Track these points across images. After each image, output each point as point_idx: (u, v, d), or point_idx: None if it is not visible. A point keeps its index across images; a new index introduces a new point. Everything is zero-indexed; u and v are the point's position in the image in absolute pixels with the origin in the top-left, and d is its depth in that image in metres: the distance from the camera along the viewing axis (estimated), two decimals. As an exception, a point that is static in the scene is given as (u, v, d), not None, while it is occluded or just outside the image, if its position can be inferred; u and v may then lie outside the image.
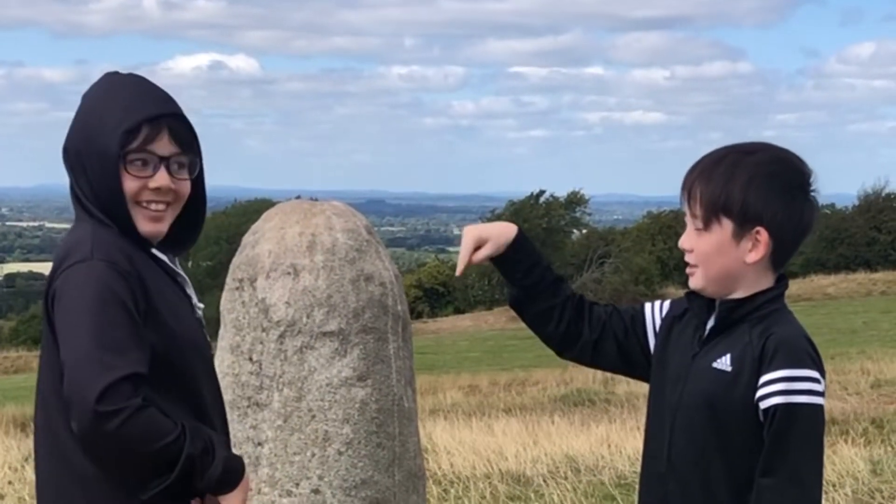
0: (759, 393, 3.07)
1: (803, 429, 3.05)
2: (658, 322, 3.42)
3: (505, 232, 3.48)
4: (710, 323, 3.24)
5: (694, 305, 3.29)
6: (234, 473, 3.16)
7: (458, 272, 3.59)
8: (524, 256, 3.49)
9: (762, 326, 3.14)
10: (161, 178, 3.24)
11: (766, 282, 3.20)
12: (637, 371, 3.45)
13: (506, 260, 3.49)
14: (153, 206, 3.25)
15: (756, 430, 3.08)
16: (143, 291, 3.11)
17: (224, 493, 3.16)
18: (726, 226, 3.14)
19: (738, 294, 3.19)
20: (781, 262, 3.21)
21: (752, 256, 3.15)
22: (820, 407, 3.08)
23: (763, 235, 3.13)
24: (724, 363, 3.14)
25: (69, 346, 2.99)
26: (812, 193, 3.20)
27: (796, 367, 3.05)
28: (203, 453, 3.07)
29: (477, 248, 3.47)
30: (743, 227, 3.13)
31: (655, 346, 3.39)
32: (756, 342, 3.11)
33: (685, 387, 3.22)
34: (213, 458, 3.10)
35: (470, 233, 3.48)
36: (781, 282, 3.24)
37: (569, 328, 3.48)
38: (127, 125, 3.20)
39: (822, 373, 3.13)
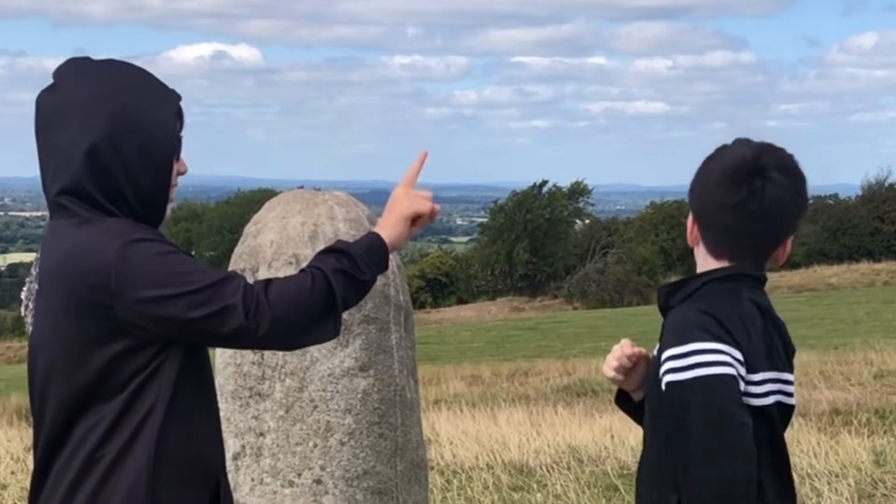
0: (661, 376, 3.03)
1: (698, 405, 2.93)
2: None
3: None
4: None
5: (660, 296, 3.30)
6: (375, 248, 3.17)
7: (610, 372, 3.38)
8: None
9: (674, 310, 3.15)
10: (185, 162, 3.22)
11: (710, 267, 3.18)
12: None
13: (637, 406, 3.39)
14: (173, 190, 3.23)
15: (668, 412, 3.04)
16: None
17: (400, 236, 3.26)
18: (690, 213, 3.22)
19: None
20: (717, 247, 3.16)
21: (689, 239, 3.21)
22: (713, 377, 2.94)
23: (690, 220, 3.19)
24: (656, 350, 3.15)
25: (178, 301, 2.94)
26: (754, 189, 3.13)
27: (682, 344, 2.98)
28: (339, 264, 3.07)
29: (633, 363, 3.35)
30: (691, 212, 3.20)
31: None
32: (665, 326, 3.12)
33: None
34: (352, 257, 3.10)
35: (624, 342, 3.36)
36: (728, 269, 3.15)
37: None
38: (174, 108, 3.16)
39: (717, 336, 2.99)
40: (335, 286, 3.04)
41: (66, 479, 3.12)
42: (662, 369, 3.00)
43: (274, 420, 4.70)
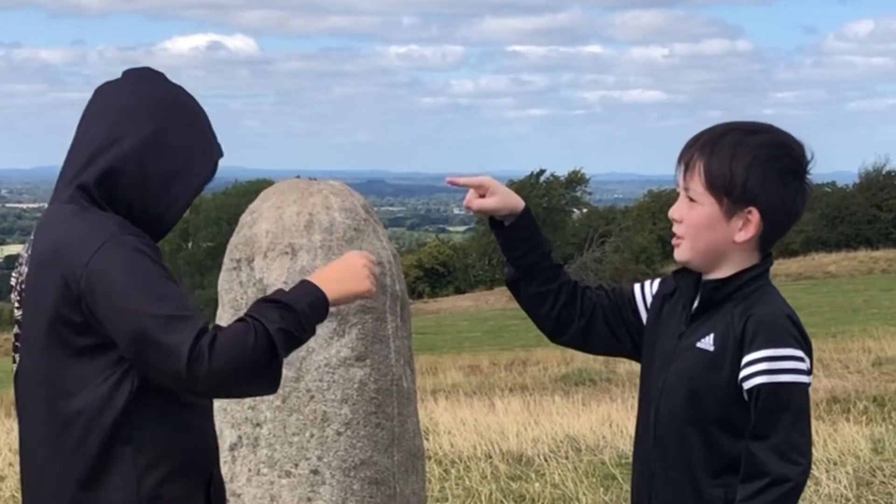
0: (742, 374, 3.06)
1: (789, 406, 3.04)
2: (649, 300, 3.39)
3: (514, 200, 3.43)
4: (696, 302, 3.22)
5: (681, 284, 3.27)
6: (318, 307, 3.14)
7: (448, 180, 3.52)
8: (528, 234, 3.44)
9: (744, 305, 3.13)
10: None
11: (749, 262, 3.19)
12: (630, 352, 3.43)
13: (509, 234, 3.44)
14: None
15: (739, 411, 3.07)
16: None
17: (338, 301, 3.22)
18: (721, 202, 3.13)
19: (721, 272, 3.18)
20: (768, 244, 3.20)
21: (742, 236, 3.14)
22: (805, 385, 3.07)
23: (755, 216, 3.12)
24: (707, 343, 3.13)
25: (133, 319, 2.92)
26: (807, 180, 3.18)
27: (778, 347, 3.04)
28: (282, 322, 3.03)
29: (482, 195, 3.41)
30: (737, 205, 3.12)
31: (646, 325, 3.37)
32: (737, 322, 3.10)
33: (671, 366, 3.20)
34: (296, 314, 3.07)
35: (483, 178, 3.41)
36: (766, 259, 3.22)
37: (560, 314, 3.44)
38: (214, 162, 3.24)
39: (808, 351, 3.11)
40: (277, 345, 3.01)
41: (54, 472, 3.11)
42: (754, 369, 3.04)
43: (270, 410, 4.69)
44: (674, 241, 3.23)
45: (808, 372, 3.09)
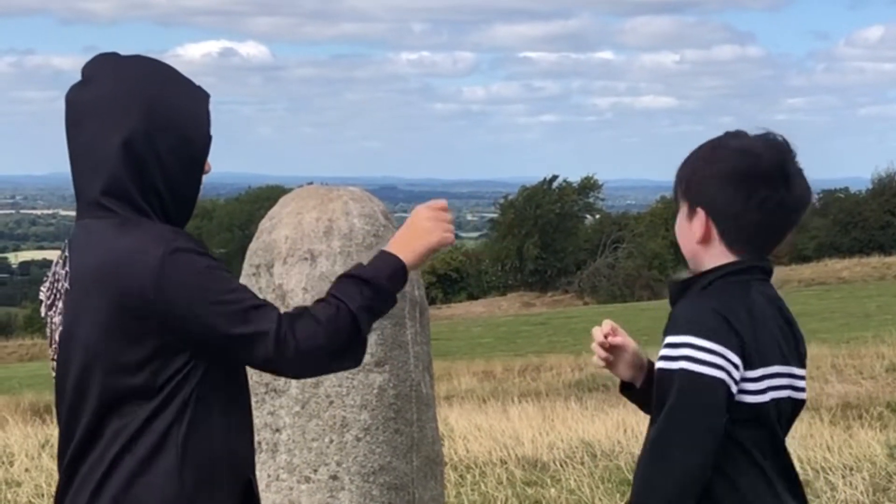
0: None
1: (675, 395, 2.98)
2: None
3: (641, 354, 3.38)
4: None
5: (672, 292, 3.29)
6: (398, 276, 3.14)
7: (596, 359, 3.39)
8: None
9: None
10: (209, 162, 3.22)
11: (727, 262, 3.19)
12: None
13: (638, 398, 3.42)
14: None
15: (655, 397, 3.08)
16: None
17: (418, 262, 3.20)
18: (684, 206, 3.22)
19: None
20: (738, 243, 3.16)
21: (697, 236, 3.19)
22: (696, 375, 2.96)
23: (701, 216, 3.16)
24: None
25: (217, 320, 2.95)
26: (765, 185, 3.12)
27: (676, 334, 3.01)
28: (363, 299, 3.05)
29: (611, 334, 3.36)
30: (692, 207, 3.18)
31: None
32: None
33: None
34: (377, 288, 3.08)
35: (605, 322, 3.37)
36: (738, 262, 3.17)
37: None
38: (206, 105, 3.16)
39: (732, 343, 2.99)
40: (361, 324, 3.05)
41: (94, 477, 3.12)
42: (658, 356, 3.05)
43: (290, 416, 4.71)
44: None
45: (716, 366, 2.96)
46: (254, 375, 4.74)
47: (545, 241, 68.37)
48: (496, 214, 75.35)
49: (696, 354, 2.98)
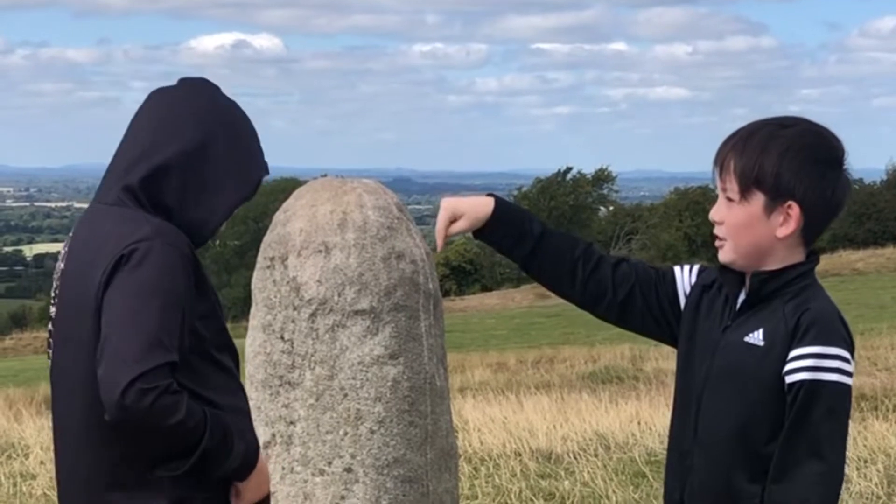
0: (788, 367, 3.04)
1: (828, 406, 3.02)
2: (688, 287, 3.37)
3: (481, 206, 3.42)
4: (742, 296, 3.20)
5: (727, 279, 3.23)
6: (248, 467, 3.16)
7: (438, 248, 3.59)
8: (509, 229, 3.44)
9: (797, 301, 3.10)
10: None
11: (796, 257, 3.16)
12: (666, 336, 3.40)
13: (489, 236, 3.45)
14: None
15: (780, 403, 3.05)
16: (197, 272, 3.12)
17: (239, 481, 3.17)
18: (758, 198, 3.10)
19: (767, 267, 3.15)
20: (812, 238, 3.16)
21: (783, 231, 3.10)
22: (847, 387, 3.05)
23: (794, 210, 3.08)
24: (756, 338, 3.10)
25: (122, 326, 2.96)
26: (845, 171, 3.16)
27: (827, 345, 3.03)
28: (220, 444, 3.06)
29: (453, 221, 3.43)
30: (775, 200, 3.08)
31: (684, 315, 3.33)
32: (790, 316, 3.07)
33: (714, 360, 3.18)
34: (231, 451, 3.09)
35: (445, 205, 3.43)
36: (812, 257, 3.20)
37: (587, 287, 3.41)
38: (258, 178, 3.33)
39: (852, 353, 3.10)
40: (204, 439, 3.03)
41: (86, 469, 3.15)
42: (800, 364, 3.03)
43: (304, 408, 4.71)
44: (717, 243, 3.19)
45: (852, 374, 3.07)
46: (268, 368, 4.75)
47: (559, 233, 68.28)
48: (510, 206, 75.23)
49: (846, 367, 3.05)
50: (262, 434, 4.70)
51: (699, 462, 3.19)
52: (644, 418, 11.61)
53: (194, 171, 3.16)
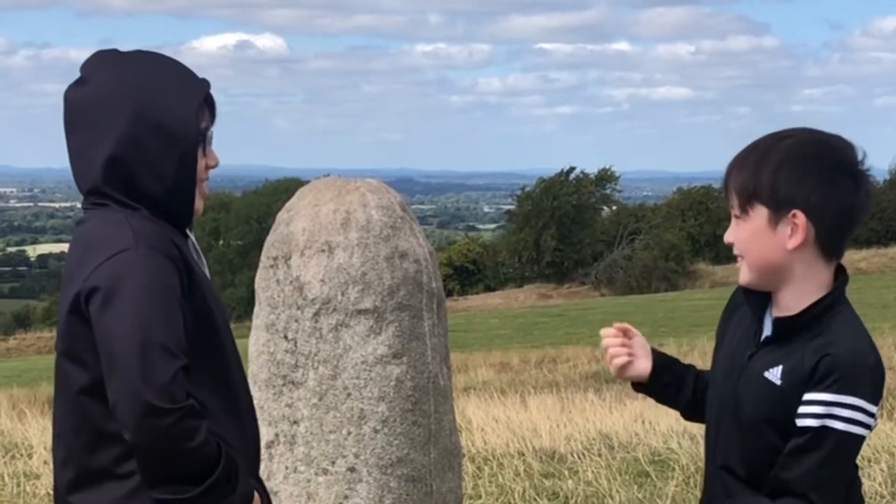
0: (800, 410, 2.96)
1: (830, 452, 2.95)
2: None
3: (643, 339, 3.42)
4: (766, 328, 3.13)
5: (751, 300, 3.15)
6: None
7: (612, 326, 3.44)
8: (669, 379, 3.42)
9: (820, 341, 3.01)
10: (216, 155, 3.21)
11: (818, 271, 3.08)
12: None
13: (659, 392, 3.44)
14: (204, 184, 3.23)
15: (786, 439, 3.00)
16: (188, 272, 3.07)
17: None
18: (761, 212, 3.03)
19: (788, 292, 3.07)
20: (832, 247, 3.08)
21: (793, 242, 3.01)
22: (857, 437, 2.96)
23: (800, 219, 3.00)
24: (774, 374, 3.03)
25: (122, 344, 2.92)
26: (857, 172, 3.06)
27: (842, 394, 2.93)
28: (226, 481, 3.03)
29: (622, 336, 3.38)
30: (778, 211, 3.01)
31: (717, 332, 3.29)
32: (809, 358, 2.99)
33: (735, 386, 3.11)
34: (235, 489, 3.07)
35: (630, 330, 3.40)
36: (840, 279, 3.12)
37: (697, 407, 3.41)
38: (198, 101, 3.15)
39: (879, 397, 2.99)
40: (216, 472, 3.00)
41: (74, 462, 3.15)
42: (810, 409, 2.97)
43: (307, 408, 4.71)
44: (737, 265, 3.16)
45: (867, 425, 2.97)
46: (271, 367, 4.75)
47: (562, 233, 68.28)
48: (513, 206, 75.28)
49: (860, 417, 2.95)
50: (265, 434, 4.70)
51: (722, 480, 3.18)
52: (648, 418, 11.60)
53: (146, 145, 3.06)
